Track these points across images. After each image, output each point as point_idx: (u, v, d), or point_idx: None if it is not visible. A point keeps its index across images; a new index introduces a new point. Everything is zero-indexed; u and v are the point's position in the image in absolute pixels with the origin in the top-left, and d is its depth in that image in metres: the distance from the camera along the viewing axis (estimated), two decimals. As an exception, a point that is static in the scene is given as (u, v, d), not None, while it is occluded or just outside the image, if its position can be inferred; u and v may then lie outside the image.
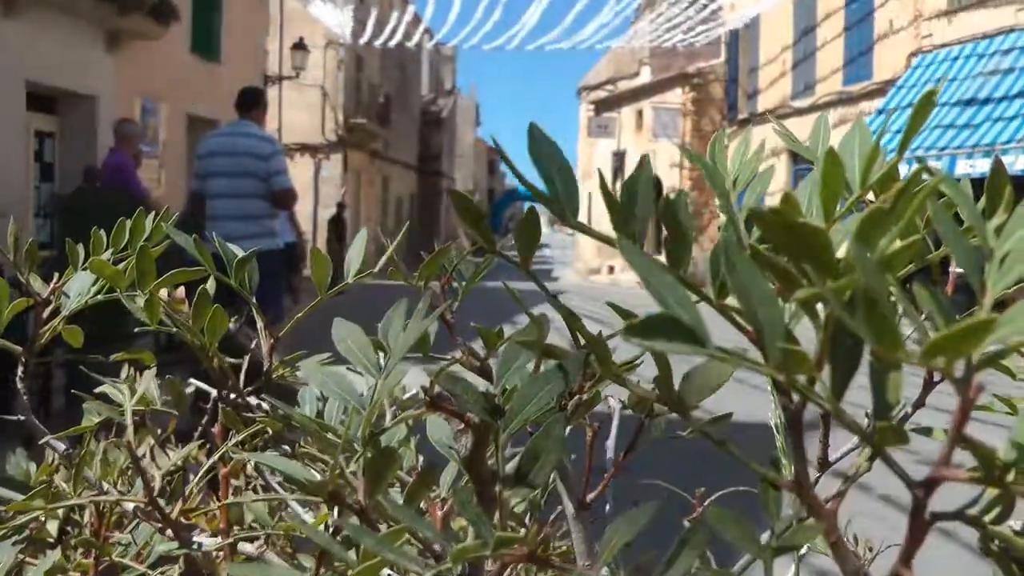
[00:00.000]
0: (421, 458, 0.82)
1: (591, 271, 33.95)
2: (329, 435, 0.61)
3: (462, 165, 59.20)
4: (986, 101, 15.61)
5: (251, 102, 7.08)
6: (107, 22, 14.69)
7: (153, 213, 0.97)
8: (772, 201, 0.36)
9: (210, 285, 0.88)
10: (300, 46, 24.43)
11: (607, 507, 0.97)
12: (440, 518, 0.65)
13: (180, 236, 0.79)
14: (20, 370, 0.82)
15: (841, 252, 0.36)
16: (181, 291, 1.06)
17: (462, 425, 0.55)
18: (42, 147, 14.63)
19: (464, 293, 0.91)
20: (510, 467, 0.54)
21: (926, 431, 0.73)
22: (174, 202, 15.23)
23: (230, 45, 19.83)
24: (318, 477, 0.58)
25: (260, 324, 0.78)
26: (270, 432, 0.76)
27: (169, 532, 0.69)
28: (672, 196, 0.44)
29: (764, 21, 24.55)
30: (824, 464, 0.81)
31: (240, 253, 0.83)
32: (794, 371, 0.36)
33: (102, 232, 0.92)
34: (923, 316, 0.35)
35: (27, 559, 0.87)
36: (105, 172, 10.54)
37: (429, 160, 43.34)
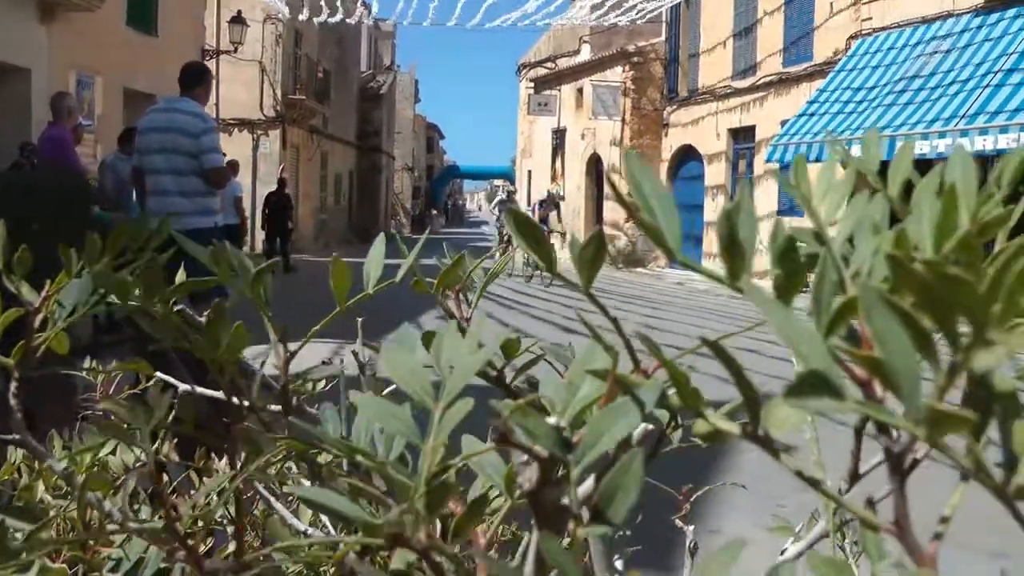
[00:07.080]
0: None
1: (531, 249, 33.89)
2: (360, 459, 0.58)
3: (401, 142, 58.87)
4: (925, 83, 15.88)
5: (193, 80, 6.87)
6: (40, -7, 14.34)
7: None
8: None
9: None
10: (238, 20, 24.07)
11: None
12: (483, 545, 0.63)
13: (191, 244, 0.75)
14: (14, 386, 0.78)
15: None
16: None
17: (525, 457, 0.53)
18: (-27, 121, 14.29)
19: (477, 299, 0.88)
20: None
21: None
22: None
23: (167, 18, 19.46)
24: (363, 514, 0.55)
25: (273, 336, 0.74)
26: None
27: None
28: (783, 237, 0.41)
29: (705, 1, 24.65)
30: (855, 477, 0.81)
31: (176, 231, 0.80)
32: (944, 432, 0.34)
33: (96, 236, 0.88)
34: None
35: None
36: (43, 147, 10.29)
37: (368, 136, 43.04)
